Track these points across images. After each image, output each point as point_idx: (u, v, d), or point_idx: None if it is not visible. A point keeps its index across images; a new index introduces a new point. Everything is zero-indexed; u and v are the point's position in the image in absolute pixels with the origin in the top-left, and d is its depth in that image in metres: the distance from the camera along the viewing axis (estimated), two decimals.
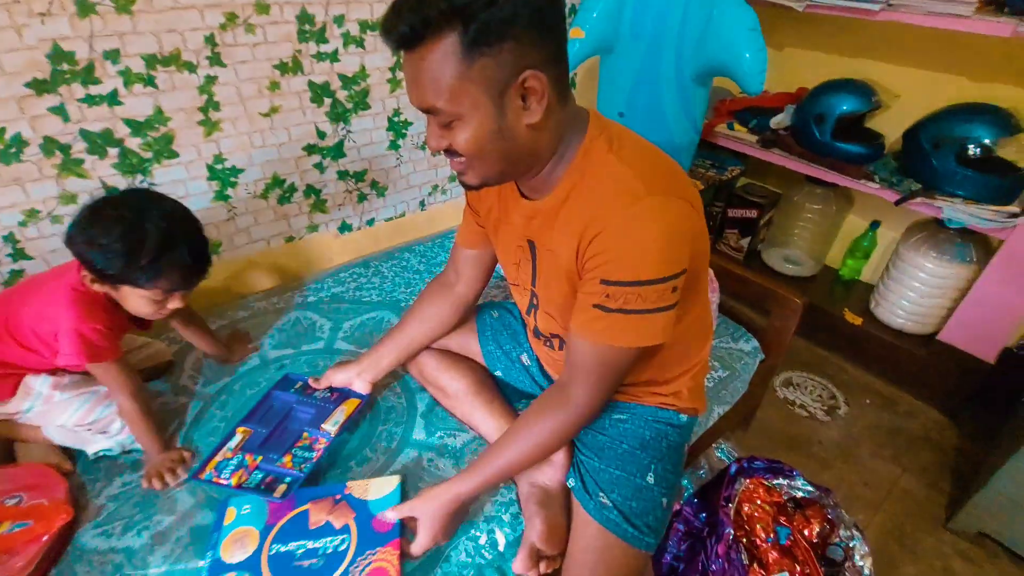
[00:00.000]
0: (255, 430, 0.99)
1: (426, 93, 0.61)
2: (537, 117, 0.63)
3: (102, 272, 0.84)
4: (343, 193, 1.54)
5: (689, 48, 1.36)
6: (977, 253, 1.60)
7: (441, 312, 1.04)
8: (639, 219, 0.63)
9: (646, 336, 0.68)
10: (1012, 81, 1.54)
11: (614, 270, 0.65)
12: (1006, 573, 1.30)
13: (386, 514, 0.83)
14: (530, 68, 0.60)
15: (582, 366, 0.73)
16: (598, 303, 0.67)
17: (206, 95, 1.20)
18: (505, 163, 0.68)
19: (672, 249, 0.64)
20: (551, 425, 0.76)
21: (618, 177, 0.66)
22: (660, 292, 0.65)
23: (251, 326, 1.30)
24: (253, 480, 0.91)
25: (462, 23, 0.56)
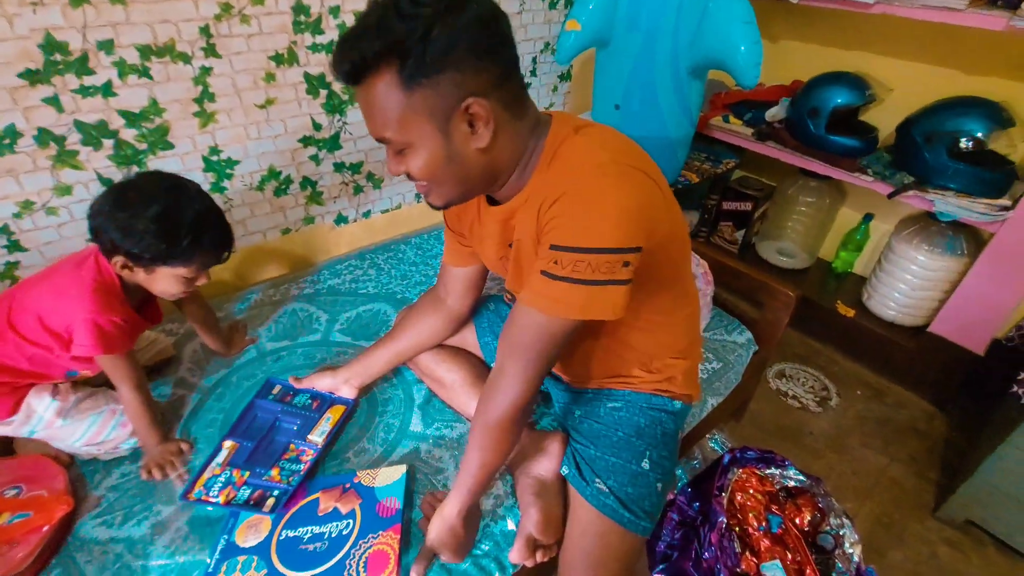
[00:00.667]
0: (241, 444, 0.98)
1: (375, 124, 0.65)
2: (485, 141, 0.65)
3: (138, 256, 0.84)
4: (339, 185, 1.54)
5: (685, 41, 1.36)
6: (968, 246, 1.62)
7: (434, 326, 1.05)
8: (598, 184, 0.63)
9: (593, 308, 0.65)
10: (1004, 74, 1.55)
11: (565, 234, 0.63)
12: (991, 561, 1.33)
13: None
14: (472, 95, 0.61)
15: (520, 341, 0.69)
16: (545, 269, 0.65)
17: (201, 86, 1.20)
18: (463, 185, 0.70)
19: (629, 220, 0.62)
20: (496, 423, 0.74)
21: (584, 151, 0.67)
22: (611, 264, 0.62)
23: (248, 319, 1.31)
24: (241, 496, 0.90)
25: (398, 58, 0.59)
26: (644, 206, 0.65)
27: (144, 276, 0.89)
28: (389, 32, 0.58)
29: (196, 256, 0.88)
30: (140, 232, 0.82)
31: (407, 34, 0.57)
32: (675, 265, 0.79)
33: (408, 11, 0.57)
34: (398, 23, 0.57)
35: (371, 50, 0.59)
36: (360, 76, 0.61)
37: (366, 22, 0.60)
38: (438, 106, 0.61)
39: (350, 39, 0.60)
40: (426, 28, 0.57)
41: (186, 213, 0.85)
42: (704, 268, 1.29)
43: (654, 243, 0.67)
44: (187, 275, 0.90)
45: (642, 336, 0.84)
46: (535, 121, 0.71)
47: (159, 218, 0.83)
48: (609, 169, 0.64)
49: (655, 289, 0.77)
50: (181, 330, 1.25)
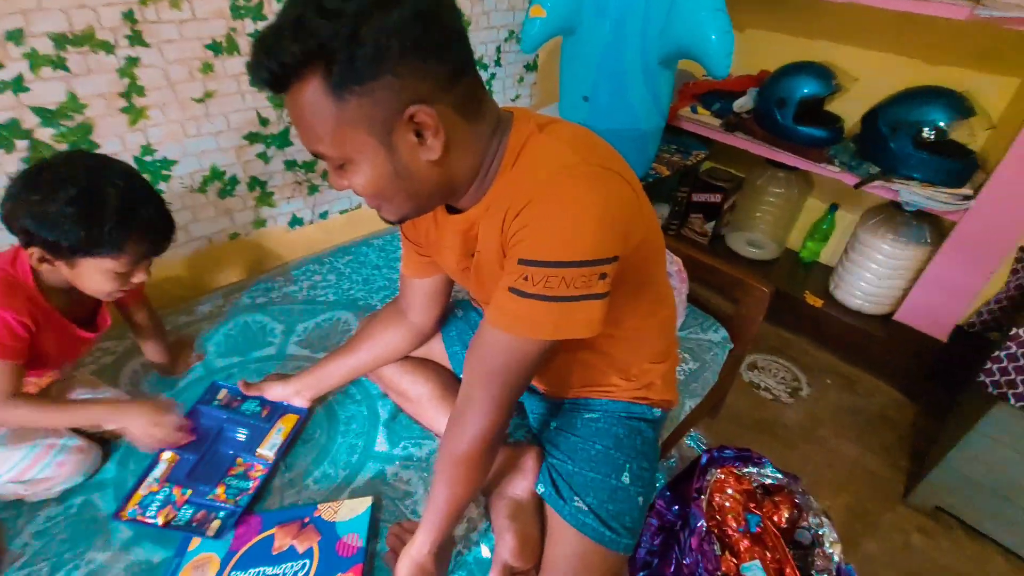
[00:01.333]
0: (182, 456, 0.89)
1: (307, 138, 0.56)
2: (436, 153, 0.57)
3: (56, 246, 0.73)
4: (292, 184, 1.43)
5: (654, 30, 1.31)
6: (931, 235, 1.64)
7: (394, 340, 0.97)
8: (569, 189, 0.56)
9: (566, 328, 0.59)
10: (966, 64, 1.56)
11: (535, 247, 0.56)
12: (961, 545, 1.35)
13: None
14: (415, 102, 0.53)
15: (486, 365, 0.63)
16: (514, 286, 0.58)
17: (128, 79, 1.08)
18: (416, 199, 0.62)
19: (604, 228, 0.56)
20: (464, 456, 0.67)
21: (550, 151, 0.60)
22: (586, 277, 0.56)
23: (195, 331, 1.20)
24: (183, 517, 0.82)
25: (324, 64, 0.50)
26: (619, 211, 0.59)
27: (68, 271, 0.77)
28: (310, 33, 0.49)
29: (125, 245, 0.76)
30: (55, 216, 0.71)
31: (331, 35, 0.49)
32: (650, 268, 0.74)
33: (331, 6, 0.49)
34: (320, 22, 0.49)
35: (290, 55, 0.50)
36: (282, 84, 0.53)
37: (283, 20, 0.51)
38: (376, 116, 0.53)
39: (266, 41, 0.51)
40: (353, 27, 0.49)
41: (110, 194, 0.73)
42: (678, 265, 1.25)
43: (629, 249, 0.62)
44: (117, 269, 0.78)
45: (619, 344, 0.80)
46: (495, 121, 0.63)
47: (77, 200, 0.71)
48: (579, 171, 0.57)
49: (630, 295, 0.71)
50: (119, 348, 1.14)
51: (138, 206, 0.76)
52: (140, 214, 0.76)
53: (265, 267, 1.46)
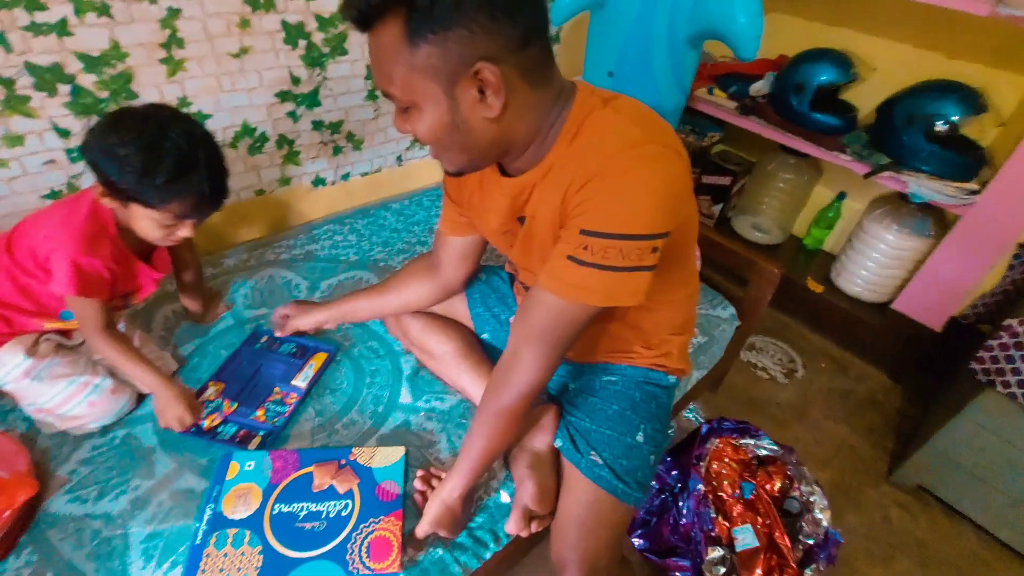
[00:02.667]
0: (227, 385, 1.00)
1: (379, 77, 0.60)
2: (495, 111, 0.60)
3: (114, 185, 0.79)
4: (318, 145, 1.46)
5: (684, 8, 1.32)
6: (935, 227, 1.69)
7: (422, 290, 1.02)
8: (634, 167, 0.60)
9: (616, 296, 0.63)
10: (984, 60, 1.59)
11: (598, 219, 0.60)
12: (936, 521, 1.44)
13: None
14: (483, 59, 0.56)
15: (538, 326, 0.67)
16: (573, 254, 0.62)
17: (168, 30, 1.09)
18: (470, 153, 0.65)
19: (662, 205, 0.60)
20: (508, 409, 0.72)
21: (615, 126, 0.63)
22: (641, 250, 0.61)
23: (222, 284, 1.24)
24: (227, 432, 0.92)
25: (406, 8, 0.54)
26: (675, 189, 0.63)
27: (122, 210, 0.83)
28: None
29: (170, 202, 0.81)
30: (120, 160, 0.77)
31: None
32: (687, 245, 0.78)
33: None
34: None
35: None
36: (367, 23, 0.57)
37: None
38: (444, 67, 0.56)
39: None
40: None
41: (168, 154, 0.78)
42: None
43: (677, 226, 0.66)
44: (163, 221, 0.83)
45: (648, 315, 0.85)
46: (558, 90, 0.66)
47: (140, 151, 0.77)
48: (644, 150, 0.61)
49: (667, 270, 0.76)
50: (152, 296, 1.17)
51: (193, 172, 0.81)
52: (191, 179, 0.81)
53: (288, 224, 1.49)
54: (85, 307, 0.86)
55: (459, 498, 0.79)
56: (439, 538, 0.82)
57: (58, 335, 0.94)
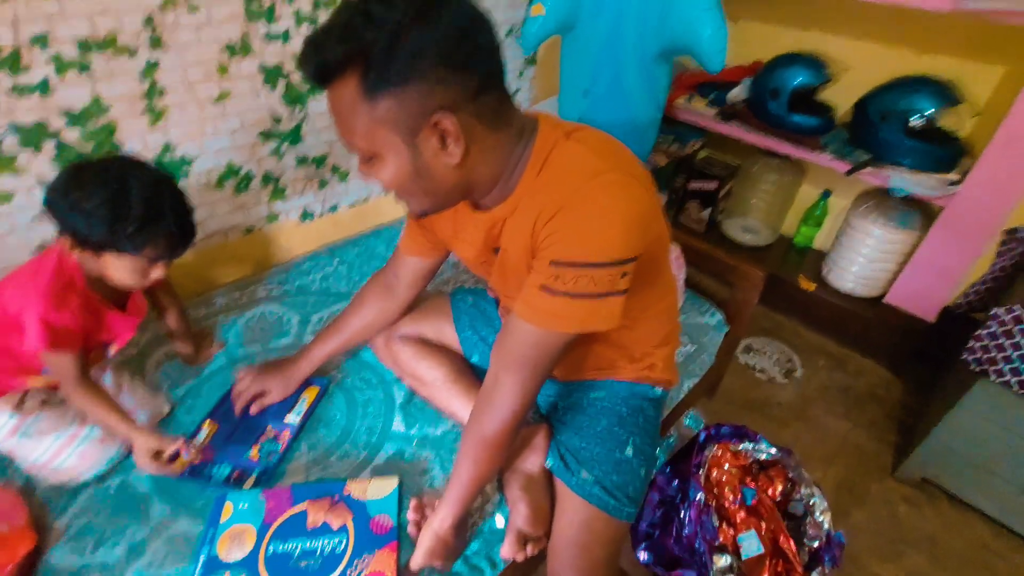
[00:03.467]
0: (221, 426, 1.01)
1: (342, 130, 0.62)
2: (456, 158, 0.62)
3: (85, 238, 0.80)
4: (303, 180, 1.48)
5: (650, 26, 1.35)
6: (920, 219, 1.70)
7: (382, 309, 1.04)
8: (598, 196, 0.62)
9: (591, 322, 0.65)
10: (952, 52, 1.61)
11: (567, 250, 0.62)
12: (944, 513, 1.43)
13: None
14: (441, 109, 0.58)
15: (516, 353, 0.69)
16: (545, 284, 0.64)
17: (149, 81, 1.12)
18: (434, 197, 0.68)
19: (630, 232, 0.62)
20: (492, 437, 0.73)
21: (578, 157, 0.66)
22: (612, 276, 0.63)
23: (215, 324, 1.26)
24: (221, 473, 0.93)
25: (362, 66, 0.56)
26: (640, 215, 0.65)
27: (95, 261, 0.85)
28: (354, 37, 0.55)
29: (144, 247, 0.83)
30: (87, 213, 0.78)
31: (373, 40, 0.54)
32: (658, 263, 0.80)
33: (377, 15, 0.54)
34: (365, 28, 0.54)
35: (334, 55, 0.56)
36: (325, 80, 0.59)
37: (334, 22, 0.57)
38: (404, 119, 0.58)
39: (316, 39, 0.57)
40: (393, 35, 0.54)
41: (136, 201, 0.80)
42: (677, 252, 1.31)
43: (646, 248, 0.68)
44: (136, 265, 0.85)
45: (627, 333, 0.86)
46: (520, 128, 0.68)
47: (108, 201, 0.78)
48: (608, 179, 0.63)
49: (641, 288, 0.77)
50: (143, 340, 1.19)
51: (161, 215, 0.83)
52: (161, 222, 0.83)
53: (278, 260, 1.51)
54: (58, 361, 0.86)
55: (451, 528, 0.79)
56: (434, 569, 0.82)
57: (44, 390, 0.95)
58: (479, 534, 0.89)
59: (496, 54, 0.62)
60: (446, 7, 0.56)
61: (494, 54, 0.61)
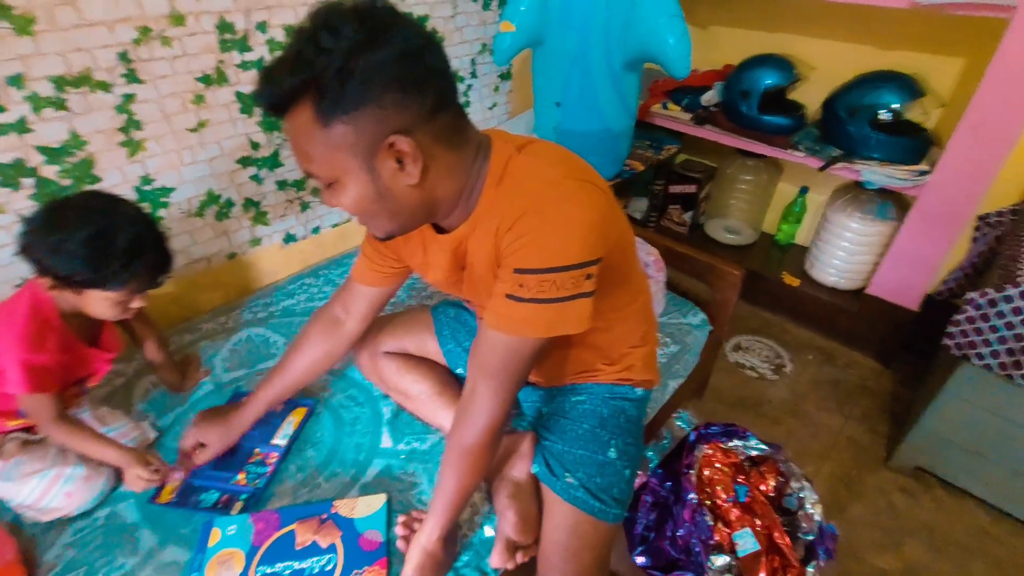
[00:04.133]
0: None
1: (299, 158, 0.63)
2: (415, 179, 0.63)
3: (67, 278, 0.81)
4: (284, 203, 1.50)
5: (616, 37, 1.39)
6: (896, 211, 1.73)
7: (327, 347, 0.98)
8: (555, 203, 0.63)
9: (559, 325, 0.66)
10: (912, 47, 1.66)
11: (528, 257, 0.63)
12: (940, 500, 1.43)
13: None
14: (396, 132, 0.59)
15: (490, 362, 0.70)
16: (511, 293, 0.65)
17: (125, 114, 1.14)
18: (398, 219, 0.68)
19: (589, 234, 0.64)
20: (472, 446, 0.74)
21: (532, 168, 0.67)
22: (575, 279, 0.64)
23: (200, 349, 1.26)
24: (208, 499, 0.92)
25: (315, 93, 0.57)
26: (599, 217, 0.66)
27: (75, 297, 0.85)
28: (306, 66, 0.56)
29: (128, 282, 0.84)
30: (69, 255, 0.79)
31: (323, 68, 0.55)
32: (625, 263, 0.81)
33: (326, 44, 0.55)
34: (315, 56, 0.55)
35: (287, 85, 0.57)
36: (280, 110, 0.60)
37: (285, 54, 0.58)
38: (360, 143, 0.59)
39: (269, 71, 0.59)
40: (343, 62, 0.55)
41: (119, 237, 0.81)
42: (655, 256, 1.33)
43: (608, 250, 0.69)
44: (119, 299, 0.86)
45: (603, 334, 0.87)
46: (476, 146, 0.69)
47: (90, 242, 0.79)
48: (563, 186, 0.65)
49: (610, 290, 0.78)
50: (129, 370, 1.20)
51: (143, 250, 0.84)
52: (144, 258, 0.84)
53: (263, 283, 1.52)
54: (37, 402, 0.86)
55: (438, 541, 0.79)
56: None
57: (22, 432, 0.94)
58: (469, 545, 0.89)
59: (447, 74, 0.63)
60: (394, 32, 0.57)
61: (445, 74, 0.63)
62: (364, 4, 0.57)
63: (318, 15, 0.57)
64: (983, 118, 1.38)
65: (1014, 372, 1.18)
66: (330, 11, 0.56)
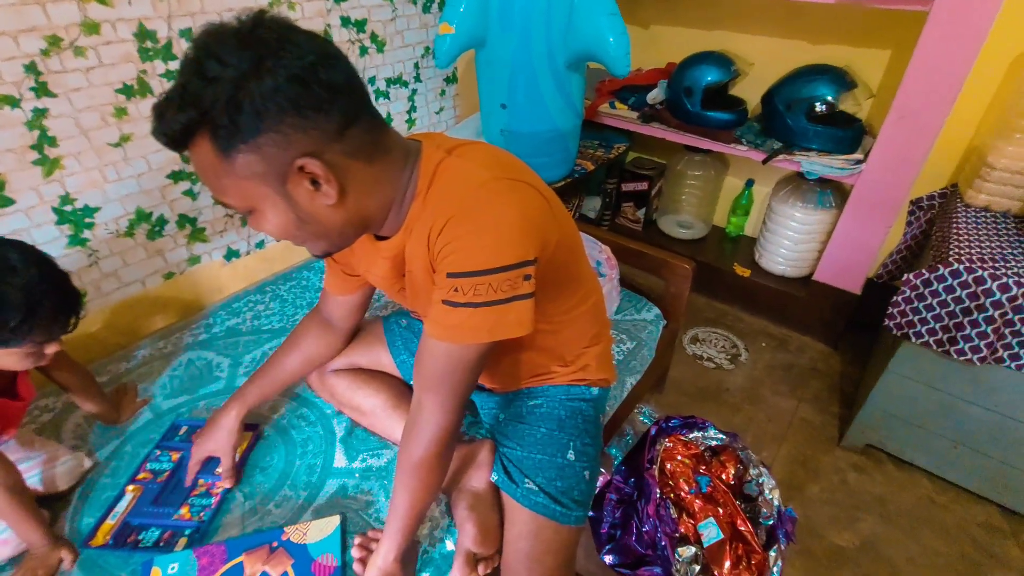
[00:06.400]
0: (146, 487, 0.94)
1: (213, 190, 0.60)
2: (332, 199, 0.60)
3: None
4: (223, 218, 1.43)
5: (557, 37, 1.39)
6: (835, 199, 1.79)
7: (323, 342, 1.00)
8: (485, 204, 0.62)
9: (501, 328, 0.64)
10: (841, 41, 1.72)
11: (460, 260, 0.61)
12: (891, 475, 1.49)
13: None
14: (303, 155, 0.56)
15: (434, 373, 0.68)
16: (446, 298, 0.63)
17: (37, 130, 1.06)
18: (327, 239, 0.66)
19: (521, 233, 0.62)
20: (421, 461, 0.71)
21: (462, 170, 0.66)
22: (511, 280, 0.61)
23: (138, 377, 1.19)
24: (149, 538, 0.86)
25: (209, 127, 0.54)
26: (532, 216, 0.64)
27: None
28: (194, 100, 0.53)
29: (30, 335, 0.77)
30: None
31: (212, 101, 0.52)
32: (570, 265, 0.80)
33: (212, 74, 0.52)
34: (202, 88, 0.52)
35: (179, 122, 0.54)
36: (179, 146, 0.57)
37: (172, 90, 0.55)
38: (267, 170, 0.56)
39: (160, 110, 0.55)
40: (231, 92, 0.52)
41: (9, 292, 0.73)
42: (607, 254, 1.33)
43: (548, 252, 0.68)
44: (28, 351, 0.79)
45: (553, 336, 0.86)
46: (402, 154, 0.67)
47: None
48: (492, 186, 0.63)
49: (556, 293, 0.77)
50: (58, 404, 1.12)
51: (41, 299, 0.76)
52: (43, 307, 0.77)
53: (205, 303, 1.45)
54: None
55: (395, 561, 0.76)
56: None
57: None
58: (430, 561, 0.86)
59: (353, 86, 0.59)
60: (283, 54, 0.53)
61: (349, 87, 0.59)
62: (248, 26, 0.54)
63: (201, 43, 0.53)
64: (909, 107, 1.45)
65: (950, 347, 1.24)
66: (213, 38, 0.53)
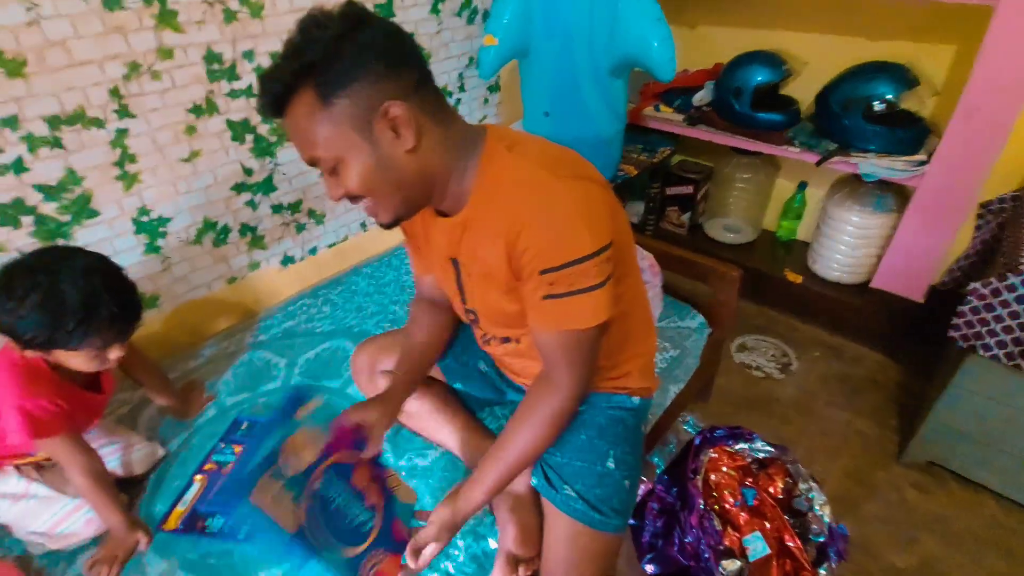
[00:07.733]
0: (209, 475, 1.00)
1: (305, 147, 0.67)
2: (411, 143, 0.67)
3: (30, 341, 0.81)
4: (280, 226, 1.52)
5: (600, 44, 1.39)
6: (896, 202, 1.71)
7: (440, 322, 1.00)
8: (554, 203, 0.66)
9: (601, 310, 0.70)
10: (903, 37, 1.64)
11: (549, 258, 0.67)
12: (954, 495, 1.40)
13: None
14: (390, 99, 0.64)
15: (555, 354, 0.74)
16: (547, 293, 0.69)
17: (119, 149, 1.17)
18: (401, 192, 0.71)
19: (595, 223, 0.67)
20: (546, 413, 0.76)
21: (525, 172, 0.69)
22: (599, 266, 0.68)
23: (204, 375, 1.28)
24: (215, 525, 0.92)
25: (313, 77, 0.62)
26: (597, 205, 0.69)
27: (47, 357, 0.85)
28: (300, 55, 0.62)
29: (88, 340, 0.82)
30: (25, 320, 0.78)
31: (317, 54, 0.61)
32: (624, 263, 0.80)
33: (315, 35, 0.61)
34: (307, 47, 0.62)
35: (285, 76, 0.62)
36: (282, 106, 0.65)
37: (279, 56, 0.64)
38: (358, 115, 0.64)
39: (267, 74, 0.65)
40: (334, 45, 0.61)
41: (70, 296, 0.79)
42: (650, 260, 1.32)
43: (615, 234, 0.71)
44: (88, 355, 0.84)
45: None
46: (464, 133, 0.72)
47: (41, 304, 0.78)
48: (557, 186, 0.67)
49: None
50: (135, 398, 1.21)
51: (99, 304, 0.81)
52: (100, 312, 0.81)
53: (263, 306, 1.54)
54: (55, 448, 0.86)
55: (473, 511, 0.79)
56: None
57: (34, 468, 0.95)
58: (474, 557, 0.88)
59: (423, 59, 0.69)
60: (375, 19, 0.65)
61: (421, 59, 0.69)
62: (344, 5, 0.64)
63: (304, 19, 0.63)
64: (977, 104, 1.37)
65: (1021, 362, 1.16)
66: (315, 13, 0.63)
